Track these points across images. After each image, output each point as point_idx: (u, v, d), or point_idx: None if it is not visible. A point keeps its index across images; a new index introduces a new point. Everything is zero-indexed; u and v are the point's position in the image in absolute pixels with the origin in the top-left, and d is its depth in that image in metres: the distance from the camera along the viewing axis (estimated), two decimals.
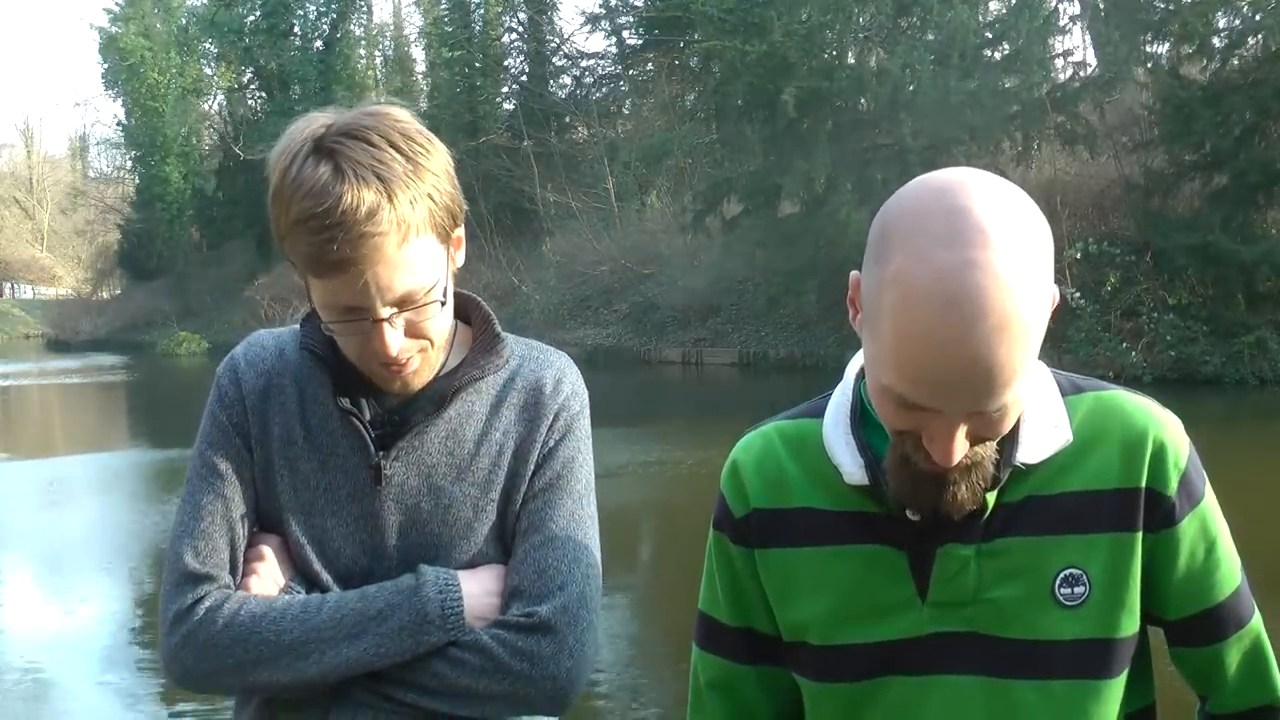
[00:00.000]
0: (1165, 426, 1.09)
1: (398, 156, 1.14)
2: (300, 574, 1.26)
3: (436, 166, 1.18)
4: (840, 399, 1.15)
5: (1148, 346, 15.03)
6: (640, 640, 5.70)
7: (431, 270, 1.19)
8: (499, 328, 1.32)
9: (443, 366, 1.29)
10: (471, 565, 1.26)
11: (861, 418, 1.12)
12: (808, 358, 19.12)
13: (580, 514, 1.28)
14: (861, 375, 1.11)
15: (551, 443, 1.29)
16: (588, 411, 1.35)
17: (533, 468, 1.28)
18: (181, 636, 1.20)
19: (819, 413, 1.16)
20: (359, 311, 1.16)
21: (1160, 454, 1.08)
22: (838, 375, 1.19)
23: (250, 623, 1.19)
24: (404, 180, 1.13)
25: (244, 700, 1.29)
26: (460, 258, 1.27)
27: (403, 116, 1.19)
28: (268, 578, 1.24)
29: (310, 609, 1.20)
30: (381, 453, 1.25)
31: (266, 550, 1.26)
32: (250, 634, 1.18)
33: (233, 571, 1.24)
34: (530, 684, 1.19)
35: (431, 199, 1.16)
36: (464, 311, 1.34)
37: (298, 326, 1.32)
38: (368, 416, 1.26)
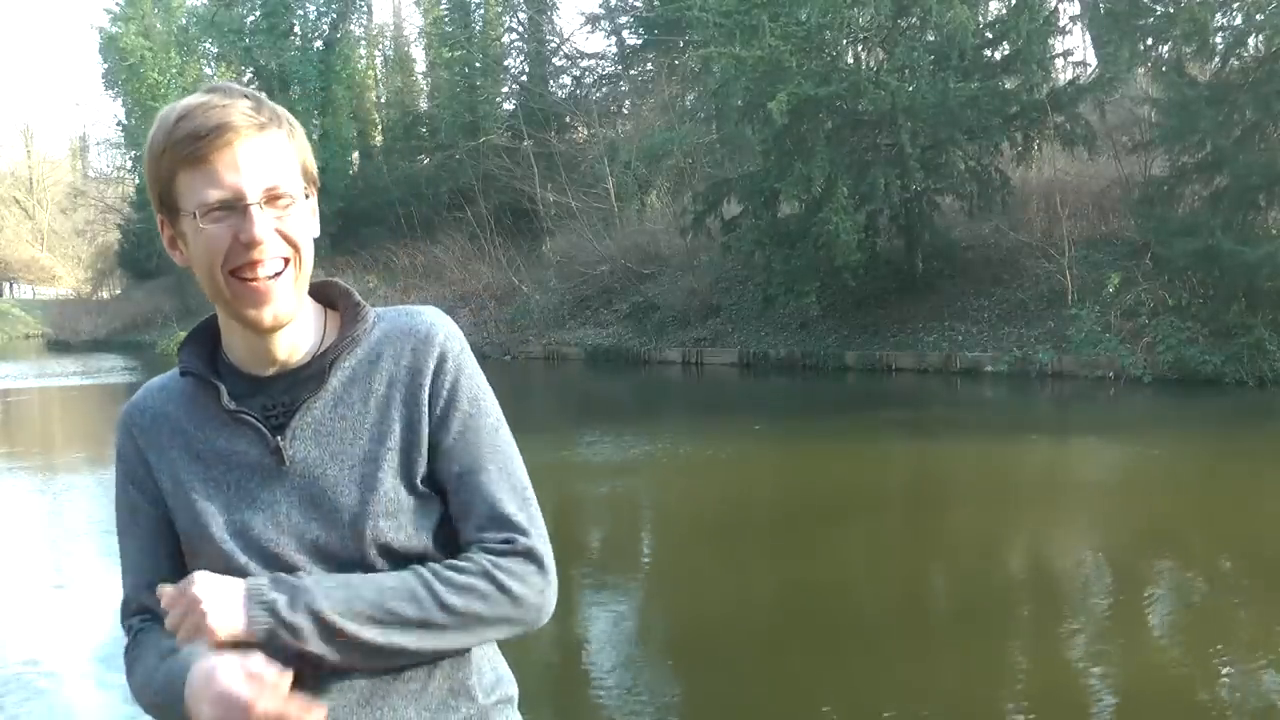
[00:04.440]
0: None
1: (258, 96, 1.30)
2: (228, 569, 1.30)
3: (293, 119, 1.32)
4: None
5: (1148, 347, 15.04)
6: (639, 639, 5.69)
7: (294, 179, 1.29)
8: (359, 298, 1.42)
9: (322, 349, 1.37)
10: (386, 514, 1.32)
11: None
12: (808, 358, 19.10)
13: (498, 444, 1.38)
14: None
15: (447, 383, 1.36)
16: (469, 351, 1.41)
17: (426, 408, 1.35)
18: (127, 674, 1.39)
19: None
20: (231, 202, 1.24)
21: None
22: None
23: (135, 680, 1.37)
24: (266, 102, 1.29)
25: None
26: (316, 223, 1.35)
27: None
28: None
29: (154, 671, 1.33)
30: (279, 437, 1.33)
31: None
32: (139, 692, 1.36)
33: (177, 578, 1.29)
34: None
35: (291, 124, 1.30)
36: (331, 299, 1.42)
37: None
38: (258, 410, 1.34)
